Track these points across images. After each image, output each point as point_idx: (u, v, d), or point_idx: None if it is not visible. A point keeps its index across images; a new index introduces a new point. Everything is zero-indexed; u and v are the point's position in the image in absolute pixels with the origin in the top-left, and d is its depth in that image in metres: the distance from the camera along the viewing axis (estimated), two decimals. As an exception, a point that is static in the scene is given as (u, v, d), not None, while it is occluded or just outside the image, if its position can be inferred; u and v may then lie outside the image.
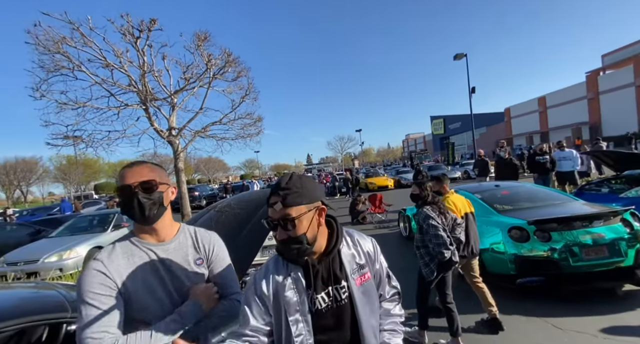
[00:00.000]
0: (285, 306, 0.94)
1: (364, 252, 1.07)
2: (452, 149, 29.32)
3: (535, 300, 3.25)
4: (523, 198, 4.36)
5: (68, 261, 6.10)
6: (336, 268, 1.00)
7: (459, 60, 18.29)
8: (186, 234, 1.15)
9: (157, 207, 1.02)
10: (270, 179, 32.99)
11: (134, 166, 1.05)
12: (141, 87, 7.47)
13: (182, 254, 1.09)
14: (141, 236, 1.06)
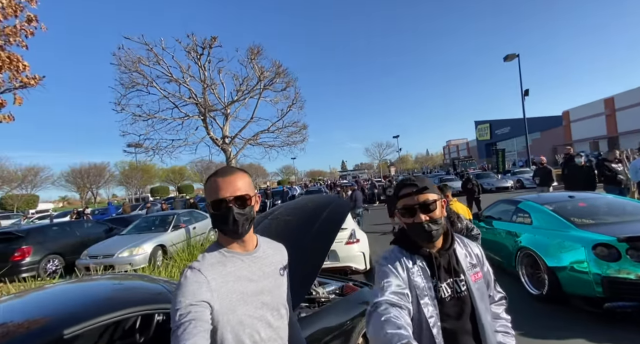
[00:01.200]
0: (416, 290, 1.01)
1: (474, 253, 1.15)
2: (503, 156, 27.21)
3: (627, 328, 2.87)
4: (605, 211, 3.91)
5: (137, 256, 6.79)
6: (454, 263, 1.08)
7: (510, 61, 17.18)
8: (266, 244, 1.15)
9: (249, 222, 1.00)
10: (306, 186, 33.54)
11: (227, 174, 0.99)
12: (201, 99, 8.20)
13: (267, 264, 1.08)
14: (229, 246, 1.03)
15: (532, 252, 3.75)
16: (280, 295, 1.09)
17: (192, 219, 9.62)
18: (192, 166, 51.54)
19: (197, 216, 10.24)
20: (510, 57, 17.17)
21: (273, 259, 1.11)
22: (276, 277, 1.09)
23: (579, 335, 2.86)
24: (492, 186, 17.72)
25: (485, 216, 5.41)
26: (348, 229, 5.30)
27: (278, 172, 77.72)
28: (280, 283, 1.10)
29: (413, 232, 1.08)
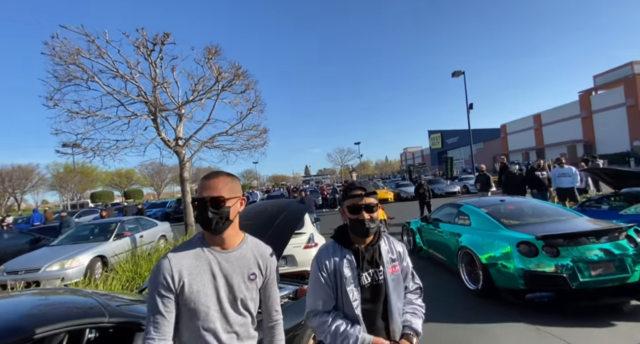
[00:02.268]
0: (343, 279, 1.24)
1: (396, 251, 1.39)
2: (451, 164, 29.62)
3: (545, 315, 3.29)
4: (529, 213, 4.45)
5: (70, 270, 6.03)
6: (376, 256, 1.32)
7: (457, 77, 18.85)
8: (248, 246, 1.21)
9: (223, 221, 1.09)
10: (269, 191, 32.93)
11: (211, 178, 1.12)
12: (151, 98, 7.63)
13: (241, 265, 1.15)
14: (210, 242, 1.14)
15: (470, 251, 4.13)
16: (244, 296, 1.14)
17: (139, 226, 8.85)
18: (142, 168, 47.59)
19: (145, 224, 9.45)
20: (457, 74, 18.82)
21: (248, 262, 1.17)
22: (243, 279, 1.15)
23: (508, 322, 3.20)
24: (442, 191, 19.17)
25: (433, 218, 5.80)
26: (307, 233, 5.33)
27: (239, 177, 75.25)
28: (245, 286, 1.15)
29: (354, 227, 1.30)
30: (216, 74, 7.96)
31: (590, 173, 8.07)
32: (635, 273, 3.16)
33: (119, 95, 7.34)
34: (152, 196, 54.71)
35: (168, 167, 45.17)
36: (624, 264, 3.19)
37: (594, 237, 3.36)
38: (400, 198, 19.17)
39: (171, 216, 19.48)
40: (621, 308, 3.27)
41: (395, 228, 8.69)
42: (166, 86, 8.01)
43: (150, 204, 26.02)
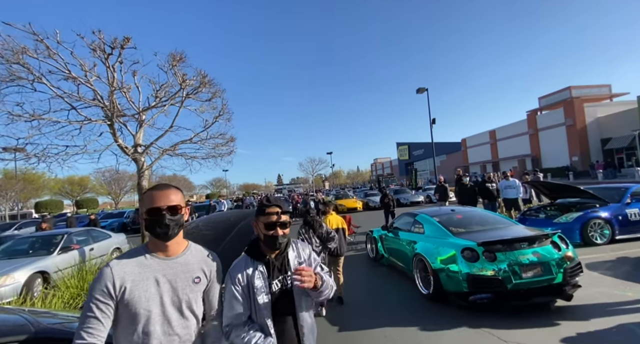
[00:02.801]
0: (255, 289, 1.36)
1: (303, 256, 1.54)
2: (415, 175, 31.07)
3: (485, 315, 3.57)
4: (474, 222, 4.84)
5: (2, 288, 5.40)
6: (285, 263, 1.47)
7: (421, 93, 20.07)
8: (192, 252, 1.29)
9: (178, 227, 1.21)
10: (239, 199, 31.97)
11: (162, 189, 1.23)
12: (108, 102, 7.22)
13: (185, 270, 1.22)
14: (153, 250, 1.22)
15: (423, 257, 4.38)
16: (188, 298, 1.21)
17: (89, 238, 8.17)
18: (98, 176, 44.07)
19: (96, 235, 8.74)
20: (421, 90, 20.06)
21: (192, 267, 1.25)
22: (188, 283, 1.22)
23: (454, 323, 3.42)
24: (407, 200, 20.00)
25: (393, 227, 6.06)
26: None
27: (207, 185, 72.44)
28: (190, 289, 1.22)
29: (268, 242, 1.42)
30: (180, 80, 7.77)
31: (531, 185, 8.95)
32: (559, 274, 3.56)
33: (71, 98, 6.87)
34: (109, 206, 50.60)
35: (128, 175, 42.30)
36: (549, 267, 3.59)
37: (526, 243, 3.75)
38: (368, 207, 19.65)
39: (129, 226, 18.18)
40: (549, 307, 3.65)
41: (361, 237, 8.92)
42: (126, 90, 7.64)
43: (105, 214, 24.09)
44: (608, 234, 6.20)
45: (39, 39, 6.27)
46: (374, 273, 5.91)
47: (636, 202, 6.41)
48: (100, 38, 6.74)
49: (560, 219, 6.55)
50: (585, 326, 3.13)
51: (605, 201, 6.54)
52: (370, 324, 3.65)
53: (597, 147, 28.11)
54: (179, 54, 7.79)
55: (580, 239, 6.17)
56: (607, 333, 2.99)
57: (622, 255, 5.41)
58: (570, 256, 3.73)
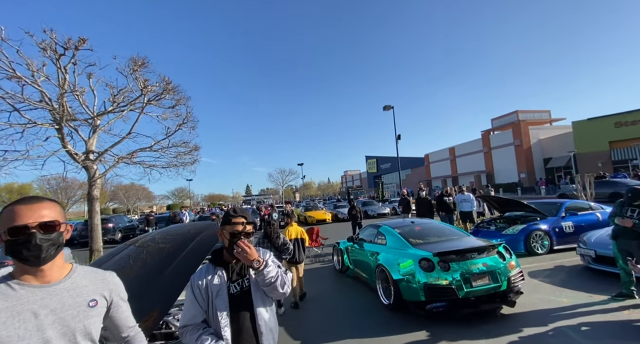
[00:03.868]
0: (212, 292, 1.46)
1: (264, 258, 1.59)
2: (382, 188, 32.13)
3: (440, 324, 3.73)
4: (432, 233, 5.11)
5: None
6: (245, 268, 1.57)
7: (387, 111, 21.11)
8: (80, 274, 1.10)
9: (55, 248, 1.00)
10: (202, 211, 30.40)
11: (31, 202, 1.00)
12: (57, 105, 6.64)
13: (72, 295, 1.04)
14: (22, 277, 0.99)
15: (385, 268, 4.50)
16: (84, 325, 1.04)
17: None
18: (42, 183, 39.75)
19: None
20: (387, 108, 21.12)
21: (84, 290, 1.07)
22: (81, 309, 1.04)
23: (411, 332, 3.53)
24: (375, 212, 20.51)
25: (358, 238, 6.17)
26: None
27: (169, 196, 68.34)
28: (85, 315, 1.05)
29: (231, 250, 1.51)
30: (142, 86, 7.41)
31: (483, 199, 9.70)
32: (504, 282, 3.86)
33: (13, 99, 6.22)
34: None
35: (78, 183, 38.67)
36: (496, 275, 3.87)
37: (476, 253, 4.03)
38: (337, 219, 19.80)
39: (75, 240, 16.45)
40: (495, 314, 3.92)
41: (328, 249, 8.91)
42: (79, 93, 7.10)
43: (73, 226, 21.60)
44: (547, 245, 6.87)
45: (-22, 34, 5.67)
46: (339, 285, 5.92)
47: (570, 216, 7.21)
48: (52, 37, 6.25)
49: (508, 231, 7.14)
50: (525, 331, 3.40)
51: (545, 214, 7.28)
52: (333, 337, 3.64)
53: (540, 165, 31.36)
54: (141, 59, 7.45)
55: (524, 249, 6.75)
56: (544, 336, 3.27)
57: (559, 264, 6.01)
58: (514, 265, 4.07)
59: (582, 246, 5.46)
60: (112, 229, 16.94)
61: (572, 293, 4.43)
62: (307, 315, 4.46)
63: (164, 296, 2.26)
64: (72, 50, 6.49)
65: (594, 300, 4.13)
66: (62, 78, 6.72)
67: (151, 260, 3.08)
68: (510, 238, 6.74)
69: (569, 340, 3.16)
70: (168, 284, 2.32)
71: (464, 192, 9.19)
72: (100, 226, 8.20)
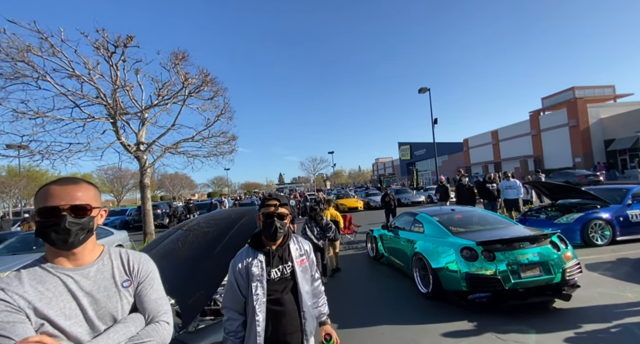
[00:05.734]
0: (251, 276, 1.50)
1: (303, 248, 1.69)
2: (417, 175, 31.03)
3: (483, 314, 3.58)
4: (474, 221, 4.85)
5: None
6: (286, 255, 1.60)
7: (424, 93, 20.02)
8: (111, 257, 1.10)
9: (84, 233, 0.98)
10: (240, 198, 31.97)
11: (66, 183, 0.98)
12: (111, 100, 7.28)
13: (105, 277, 1.03)
14: (55, 260, 0.98)
15: (422, 256, 4.40)
16: (121, 306, 1.03)
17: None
18: (100, 173, 44.32)
19: (99, 232, 8.81)
20: (423, 90, 19.98)
21: (116, 271, 1.07)
22: (115, 290, 1.04)
23: (451, 321, 3.44)
24: (409, 200, 20.01)
25: (393, 226, 6.07)
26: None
27: (209, 184, 72.60)
28: (119, 296, 1.04)
29: (265, 229, 1.56)
30: (183, 79, 7.81)
31: (532, 186, 8.93)
32: (557, 274, 3.57)
33: (74, 96, 6.93)
34: (111, 203, 50.88)
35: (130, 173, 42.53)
36: (548, 267, 3.59)
37: (525, 243, 3.75)
38: (369, 207, 19.65)
39: (131, 224, 18.35)
40: (547, 307, 3.66)
41: (361, 236, 8.93)
42: (128, 89, 7.70)
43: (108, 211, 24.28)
44: (609, 235, 6.19)
45: (43, 37, 6.34)
46: (374, 272, 5.92)
47: (637, 204, 6.39)
48: (104, 36, 6.80)
49: (561, 220, 6.54)
50: (583, 327, 3.13)
51: (607, 202, 6.52)
52: (369, 322, 3.67)
53: (600, 148, 27.92)
54: (182, 53, 7.84)
55: (580, 240, 6.16)
56: (605, 333, 2.99)
57: (622, 256, 5.41)
58: (569, 256, 3.73)
59: (654, 238, 4.85)
60: (161, 215, 18.50)
61: (638, 288, 3.98)
62: (342, 300, 4.54)
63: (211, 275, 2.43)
64: (122, 47, 7.01)
65: (666, 297, 3.68)
66: (114, 75, 7.32)
67: (197, 243, 3.31)
68: (563, 227, 6.17)
69: (635, 338, 2.86)
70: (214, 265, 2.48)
71: (509, 178, 8.53)
72: (151, 212, 9.00)
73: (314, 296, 1.71)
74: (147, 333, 1.03)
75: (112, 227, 13.37)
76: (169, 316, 1.12)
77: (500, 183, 8.55)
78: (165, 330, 1.07)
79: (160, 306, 1.11)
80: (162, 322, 1.08)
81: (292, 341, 1.52)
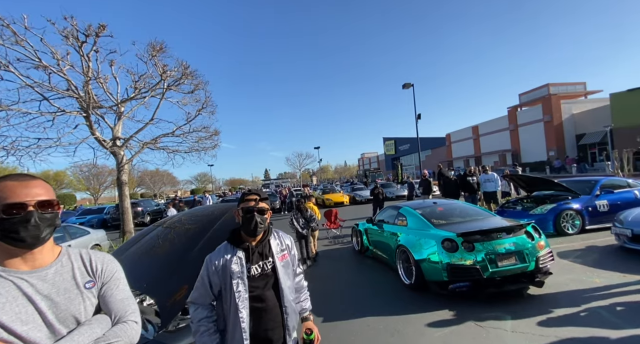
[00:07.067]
0: (230, 274, 1.45)
1: (285, 243, 1.66)
2: (401, 170, 31.58)
3: (463, 303, 3.71)
4: (455, 214, 4.99)
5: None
6: (266, 250, 1.56)
7: (407, 89, 20.26)
8: (70, 258, 1.04)
9: (51, 229, 0.96)
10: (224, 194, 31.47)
11: (25, 179, 0.94)
12: (83, 93, 6.88)
13: (65, 279, 0.98)
14: (7, 263, 0.91)
15: (406, 249, 4.48)
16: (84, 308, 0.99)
17: (66, 235, 7.88)
18: (75, 170, 42.29)
19: (74, 232, 8.44)
20: (407, 86, 20.22)
21: (77, 272, 1.01)
22: (77, 292, 0.99)
23: (433, 310, 3.55)
24: (393, 194, 20.33)
25: (377, 220, 6.15)
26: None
27: (192, 180, 70.92)
28: (82, 298, 0.99)
29: (245, 225, 1.51)
30: (161, 71, 7.49)
31: (510, 179, 9.28)
32: (532, 263, 3.74)
33: (42, 88, 6.50)
34: (87, 202, 48.73)
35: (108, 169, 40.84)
36: (523, 256, 3.75)
37: (502, 234, 3.90)
38: (355, 201, 19.84)
39: (109, 223, 17.66)
40: (521, 294, 3.83)
41: (347, 230, 8.99)
42: (102, 81, 7.30)
43: (84, 210, 23.25)
44: (579, 225, 6.55)
45: (4, 24, 5.86)
46: (359, 265, 6.00)
47: (605, 195, 6.78)
48: (72, 25, 6.36)
49: (536, 211, 6.85)
50: (555, 311, 3.30)
51: (577, 193, 6.88)
52: (354, 315, 3.72)
53: (572, 142, 29.39)
54: (159, 44, 7.48)
55: (553, 230, 6.48)
56: (575, 317, 3.17)
57: (591, 244, 5.74)
58: (543, 245, 3.91)
59: (618, 225, 5.17)
60: (142, 213, 17.91)
61: (606, 273, 4.24)
62: (327, 293, 4.58)
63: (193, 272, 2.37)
64: (93, 37, 6.60)
65: (628, 280, 3.93)
66: (86, 66, 6.90)
67: (179, 240, 3.22)
68: (538, 218, 6.46)
69: (602, 320, 3.05)
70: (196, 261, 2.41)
71: (487, 171, 8.83)
72: (130, 209, 8.68)
73: (296, 291, 1.69)
74: (114, 333, 0.98)
75: (89, 226, 12.86)
76: (137, 316, 1.08)
77: (480, 176, 8.84)
78: (134, 330, 1.03)
79: (127, 305, 1.07)
80: (130, 322, 1.04)
81: (274, 337, 1.51)
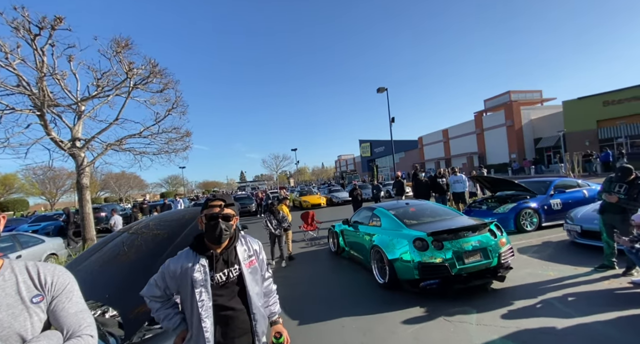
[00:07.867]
0: (193, 282, 1.39)
1: (253, 248, 1.60)
2: (377, 171, 32.32)
3: (433, 300, 3.86)
4: (426, 214, 5.19)
5: None
6: (232, 257, 1.50)
7: (382, 93, 20.81)
8: (14, 271, 0.99)
9: None
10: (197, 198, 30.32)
11: None
12: (36, 90, 6.31)
13: (8, 294, 0.94)
14: None
15: (380, 249, 4.59)
16: (30, 324, 0.93)
17: (15, 244, 7.19)
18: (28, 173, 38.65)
19: (26, 241, 7.71)
20: (381, 90, 20.77)
21: (22, 286, 0.96)
22: (23, 307, 0.94)
23: (406, 308, 3.65)
24: (368, 195, 20.73)
25: (353, 221, 6.24)
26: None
27: (162, 183, 67.58)
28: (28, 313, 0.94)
29: (208, 232, 1.45)
30: (126, 69, 7.07)
31: (476, 180, 9.83)
32: (494, 258, 3.98)
33: (-12, 84, 5.88)
34: (42, 207, 44.72)
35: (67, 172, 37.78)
36: (487, 252, 3.99)
37: (468, 232, 4.12)
38: (332, 203, 19.98)
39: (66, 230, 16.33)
40: (486, 289, 4.06)
41: (323, 232, 9.03)
42: (60, 77, 6.75)
43: (38, 216, 21.33)
44: (536, 222, 7.08)
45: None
46: (335, 266, 6.04)
47: (558, 194, 7.39)
48: (24, 16, 5.82)
49: (499, 210, 7.31)
50: (515, 303, 3.55)
51: (534, 193, 7.44)
52: (329, 316, 3.74)
53: (531, 146, 31.76)
54: (125, 40, 7.06)
55: (514, 227, 6.95)
56: (532, 308, 3.42)
57: (546, 240, 6.22)
58: (504, 241, 4.18)
59: (569, 222, 5.64)
60: (105, 218, 16.79)
61: (559, 267, 4.61)
62: (302, 295, 4.56)
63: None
64: (48, 30, 6.07)
65: (578, 272, 4.31)
66: (40, 61, 6.34)
67: (146, 246, 3.06)
68: (501, 216, 6.91)
69: (556, 310, 3.31)
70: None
71: (456, 173, 9.29)
72: (92, 215, 8.09)
73: (264, 295, 1.66)
74: None
75: (44, 234, 11.81)
76: (93, 329, 1.02)
77: (449, 178, 9.27)
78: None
79: (81, 319, 1.01)
80: (85, 336, 0.98)
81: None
